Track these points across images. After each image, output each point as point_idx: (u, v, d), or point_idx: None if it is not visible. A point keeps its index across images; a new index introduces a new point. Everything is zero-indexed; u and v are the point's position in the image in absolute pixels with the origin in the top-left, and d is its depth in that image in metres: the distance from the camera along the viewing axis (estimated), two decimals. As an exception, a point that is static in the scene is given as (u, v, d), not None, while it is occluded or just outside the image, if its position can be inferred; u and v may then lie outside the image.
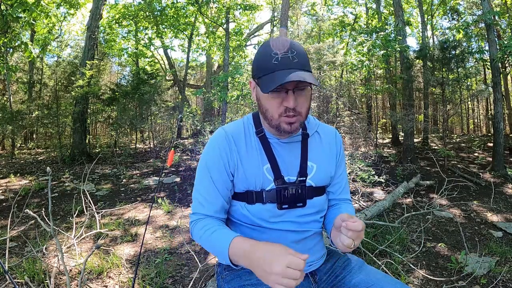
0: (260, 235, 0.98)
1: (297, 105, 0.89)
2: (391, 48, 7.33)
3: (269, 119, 0.92)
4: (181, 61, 19.38)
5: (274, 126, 0.92)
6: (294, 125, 0.90)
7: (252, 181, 0.96)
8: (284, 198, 0.95)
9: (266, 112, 0.92)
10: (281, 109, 0.89)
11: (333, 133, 1.11)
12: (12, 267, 2.31)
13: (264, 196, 0.96)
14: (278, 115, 0.90)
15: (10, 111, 8.95)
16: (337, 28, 14.41)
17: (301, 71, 0.85)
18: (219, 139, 0.99)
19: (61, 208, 4.20)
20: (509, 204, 4.32)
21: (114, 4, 13.42)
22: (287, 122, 0.90)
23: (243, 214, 0.99)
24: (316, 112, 7.91)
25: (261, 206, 0.96)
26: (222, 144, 0.98)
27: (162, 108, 11.41)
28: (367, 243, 2.70)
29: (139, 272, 2.37)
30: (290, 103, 0.87)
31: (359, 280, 1.00)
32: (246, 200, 0.98)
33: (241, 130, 1.01)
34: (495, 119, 6.55)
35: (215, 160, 0.97)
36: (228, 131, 1.00)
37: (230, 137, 0.98)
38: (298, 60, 0.86)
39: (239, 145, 0.98)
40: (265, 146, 0.98)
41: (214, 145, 0.99)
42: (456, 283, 2.20)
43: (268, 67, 0.87)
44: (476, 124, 21.52)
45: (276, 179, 0.96)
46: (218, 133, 1.01)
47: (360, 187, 4.66)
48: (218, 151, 0.97)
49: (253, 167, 0.96)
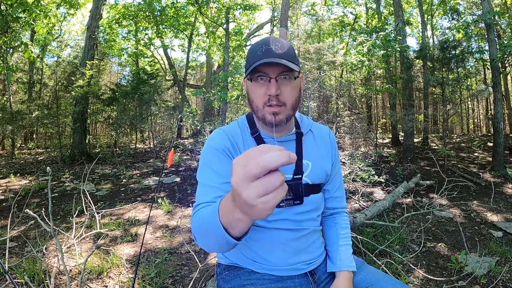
0: (258, 235, 0.98)
1: (281, 95, 0.90)
2: (391, 48, 7.32)
3: (255, 110, 0.94)
4: (181, 61, 19.41)
5: (260, 118, 0.94)
6: (278, 116, 0.91)
7: None
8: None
9: (252, 103, 0.94)
10: (265, 98, 0.91)
11: (327, 131, 1.12)
12: (12, 267, 2.31)
13: None
14: (262, 104, 0.91)
15: (10, 111, 8.95)
16: (337, 28, 14.42)
17: (282, 60, 0.86)
18: (216, 137, 0.99)
19: (61, 208, 4.20)
20: (509, 204, 4.32)
21: (114, 4, 13.43)
22: (271, 112, 0.91)
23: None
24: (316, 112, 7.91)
25: None
26: (222, 139, 0.98)
27: (162, 108, 11.41)
28: (367, 243, 2.70)
29: (139, 272, 2.37)
30: (272, 90, 0.88)
31: (359, 280, 1.00)
32: None
33: (237, 130, 1.02)
34: (495, 119, 6.55)
35: (216, 152, 0.96)
36: (226, 130, 1.01)
37: (229, 135, 0.99)
38: (281, 51, 0.88)
39: (236, 143, 0.99)
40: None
41: (213, 141, 0.98)
42: (456, 283, 2.20)
43: (253, 59, 0.89)
44: (476, 124, 21.53)
45: None
46: (215, 133, 1.02)
47: (360, 187, 4.66)
48: (218, 144, 0.97)
49: None
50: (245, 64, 0.95)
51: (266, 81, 0.90)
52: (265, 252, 0.97)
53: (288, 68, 0.88)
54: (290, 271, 1.00)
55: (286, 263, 0.99)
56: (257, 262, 1.00)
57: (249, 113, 1.06)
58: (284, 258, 0.99)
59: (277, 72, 0.89)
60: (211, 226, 0.69)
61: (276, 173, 0.48)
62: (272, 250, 0.97)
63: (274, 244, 0.99)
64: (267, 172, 0.48)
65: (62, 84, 9.91)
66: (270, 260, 0.99)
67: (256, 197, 0.48)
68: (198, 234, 0.80)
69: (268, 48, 0.89)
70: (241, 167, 0.49)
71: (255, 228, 0.99)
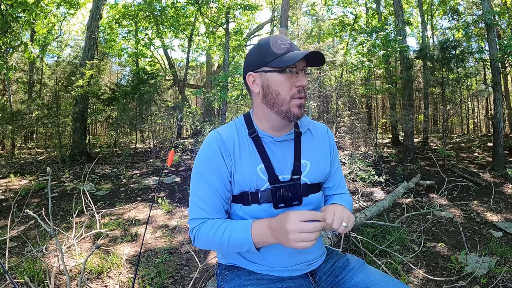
0: None
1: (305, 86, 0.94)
2: (391, 48, 7.32)
3: (279, 104, 0.93)
4: (181, 61, 19.40)
5: (284, 111, 0.93)
6: (302, 108, 0.95)
7: (246, 183, 0.95)
8: (279, 197, 0.95)
9: (278, 97, 0.93)
10: (294, 91, 0.92)
11: (324, 129, 1.12)
12: (12, 267, 2.31)
13: (259, 197, 0.95)
14: (290, 97, 0.92)
15: (10, 111, 8.95)
16: (337, 28, 14.42)
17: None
18: (212, 142, 0.98)
19: (61, 208, 4.20)
20: (509, 204, 4.32)
21: (114, 4, 13.43)
22: (298, 105, 0.93)
23: (240, 216, 0.98)
24: (316, 112, 7.91)
25: (257, 207, 0.96)
26: (215, 147, 0.96)
27: (162, 108, 11.41)
28: (367, 243, 2.70)
29: (139, 272, 2.37)
30: (304, 81, 0.92)
31: (359, 280, 1.00)
32: (242, 201, 0.97)
33: (234, 132, 1.00)
34: (495, 119, 6.55)
35: (210, 162, 0.96)
36: (221, 133, 0.99)
37: (224, 139, 0.97)
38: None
39: (232, 147, 0.97)
40: (258, 146, 0.98)
41: (207, 148, 0.98)
42: (456, 283, 2.20)
43: (279, 51, 0.91)
44: (476, 124, 21.54)
45: (271, 178, 0.96)
46: (210, 137, 1.00)
47: (360, 187, 4.66)
48: (212, 153, 0.96)
49: (246, 168, 0.96)
50: (259, 55, 0.94)
51: (294, 74, 0.92)
52: (265, 252, 0.97)
53: (317, 61, 0.93)
54: (290, 272, 1.00)
55: (286, 264, 0.99)
56: (257, 263, 1.00)
57: (247, 113, 1.06)
58: (284, 259, 0.99)
59: (303, 65, 0.93)
60: (238, 242, 0.88)
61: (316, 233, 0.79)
62: (271, 250, 0.97)
63: (273, 244, 0.98)
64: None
65: (62, 84, 9.90)
66: (269, 260, 0.99)
67: (296, 241, 0.79)
68: (207, 246, 0.96)
69: (291, 43, 0.93)
70: (296, 223, 0.78)
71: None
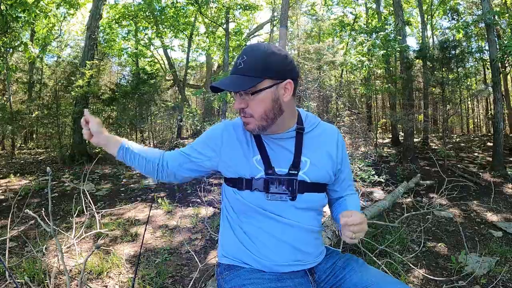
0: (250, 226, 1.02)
1: (247, 108, 0.96)
2: (391, 48, 7.32)
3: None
4: (181, 61, 19.38)
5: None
6: (248, 126, 0.99)
7: (241, 169, 1.01)
8: (271, 188, 0.98)
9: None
10: (238, 109, 1.00)
11: (335, 132, 1.12)
12: (12, 267, 2.31)
13: (252, 184, 0.99)
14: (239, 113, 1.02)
15: (10, 111, 8.94)
16: (337, 28, 14.38)
17: (240, 76, 0.92)
18: (217, 126, 1.10)
19: (61, 208, 4.20)
20: (509, 204, 4.32)
21: (114, 4, 13.43)
22: (243, 122, 1.01)
23: (236, 199, 1.02)
24: (316, 112, 7.91)
25: (249, 193, 0.99)
26: (217, 130, 1.08)
27: (162, 108, 11.41)
28: (367, 243, 2.70)
29: (139, 272, 2.37)
30: (235, 104, 0.99)
31: (358, 280, 1.00)
32: (236, 185, 1.02)
33: (240, 123, 1.08)
34: (495, 119, 6.55)
35: (206, 138, 1.09)
36: (229, 123, 1.10)
37: (229, 127, 1.07)
38: (243, 66, 0.92)
39: (234, 134, 1.05)
40: (257, 139, 1.04)
41: (211, 129, 1.12)
42: (456, 283, 2.20)
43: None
44: (476, 124, 21.54)
45: (266, 169, 0.99)
46: (219, 123, 1.12)
47: (360, 187, 4.65)
48: (211, 132, 1.09)
49: (241, 156, 1.02)
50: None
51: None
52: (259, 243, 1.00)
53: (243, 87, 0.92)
54: (287, 267, 1.00)
55: (282, 259, 0.99)
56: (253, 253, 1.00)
57: None
58: (279, 253, 0.99)
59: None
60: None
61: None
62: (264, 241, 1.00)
63: (265, 235, 1.00)
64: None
65: (62, 84, 9.88)
66: (263, 252, 0.99)
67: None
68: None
69: (236, 63, 0.95)
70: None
71: (248, 219, 1.02)
